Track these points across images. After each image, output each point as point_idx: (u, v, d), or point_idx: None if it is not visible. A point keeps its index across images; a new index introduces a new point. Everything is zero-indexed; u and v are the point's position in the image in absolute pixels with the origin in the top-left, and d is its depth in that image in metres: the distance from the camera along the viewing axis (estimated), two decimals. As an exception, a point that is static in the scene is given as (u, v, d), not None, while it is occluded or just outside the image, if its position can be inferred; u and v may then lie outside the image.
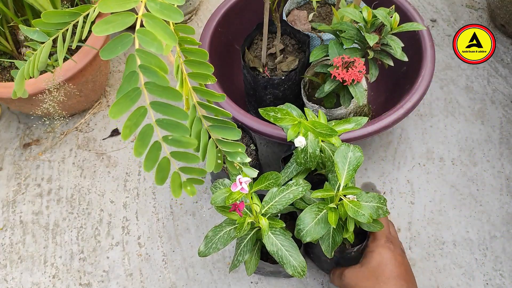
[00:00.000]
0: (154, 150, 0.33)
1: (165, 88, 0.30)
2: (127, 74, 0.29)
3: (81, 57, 0.78)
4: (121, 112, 0.30)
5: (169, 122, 0.32)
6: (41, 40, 0.42)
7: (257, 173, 0.46)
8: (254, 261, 0.59)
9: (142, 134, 0.32)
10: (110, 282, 0.73)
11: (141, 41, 0.29)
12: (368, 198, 0.57)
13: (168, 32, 0.29)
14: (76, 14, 0.40)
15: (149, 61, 0.29)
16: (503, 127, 0.86)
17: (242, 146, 0.42)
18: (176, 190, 0.36)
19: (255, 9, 0.81)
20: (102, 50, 0.29)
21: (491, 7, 0.99)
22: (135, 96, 0.30)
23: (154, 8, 0.30)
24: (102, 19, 0.29)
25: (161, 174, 0.34)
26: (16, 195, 0.83)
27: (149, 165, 0.33)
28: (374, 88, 0.88)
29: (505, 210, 0.77)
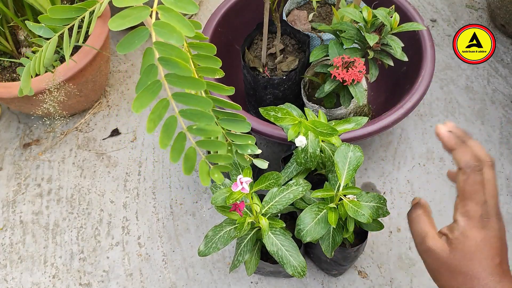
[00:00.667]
0: (179, 141, 0.33)
1: (188, 78, 0.30)
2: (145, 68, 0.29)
3: (81, 57, 0.78)
4: (143, 105, 0.30)
5: (193, 111, 0.31)
6: (47, 36, 0.42)
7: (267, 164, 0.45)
8: (254, 261, 0.59)
9: (166, 126, 0.31)
10: (110, 282, 0.73)
11: (158, 33, 0.29)
12: (368, 198, 0.57)
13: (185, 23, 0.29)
14: (82, 10, 0.40)
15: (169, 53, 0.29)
16: (503, 127, 0.86)
17: (252, 138, 0.42)
18: (205, 178, 0.36)
19: (255, 9, 0.81)
20: (118, 45, 0.29)
21: (491, 7, 0.99)
22: (156, 88, 0.30)
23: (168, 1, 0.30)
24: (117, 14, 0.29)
25: (188, 163, 0.34)
26: (16, 195, 0.83)
27: (175, 156, 0.33)
28: (374, 88, 0.88)
29: (505, 210, 0.77)
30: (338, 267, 0.67)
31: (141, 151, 0.87)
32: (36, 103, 0.77)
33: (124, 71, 0.99)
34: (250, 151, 0.42)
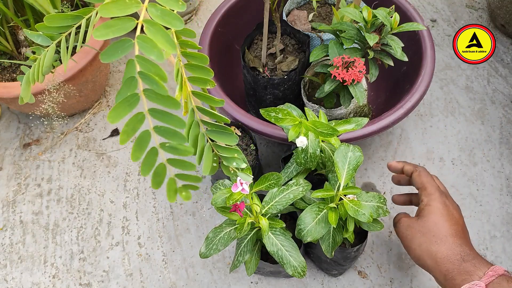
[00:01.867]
0: (151, 156, 0.33)
1: (164, 96, 0.30)
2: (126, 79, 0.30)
3: (81, 57, 0.78)
4: (119, 116, 0.30)
5: (167, 129, 0.32)
6: (45, 44, 0.42)
7: (252, 178, 0.46)
8: (254, 261, 0.59)
9: (140, 140, 0.32)
10: (110, 282, 0.73)
11: (141, 47, 0.29)
12: (368, 197, 0.57)
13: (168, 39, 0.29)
14: (79, 17, 0.40)
15: (148, 68, 0.29)
16: (503, 127, 0.86)
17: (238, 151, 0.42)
18: (171, 195, 0.37)
19: (255, 9, 0.81)
20: (102, 53, 0.29)
21: (491, 7, 0.99)
22: (134, 101, 0.30)
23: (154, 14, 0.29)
24: (102, 23, 0.29)
25: (157, 179, 0.35)
26: (16, 195, 0.83)
27: (145, 169, 0.33)
28: (374, 88, 0.88)
29: (505, 210, 0.77)
30: (338, 267, 0.67)
31: (141, 151, 0.87)
32: (36, 103, 0.77)
33: (124, 71, 0.99)
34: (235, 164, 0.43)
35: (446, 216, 0.56)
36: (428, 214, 0.56)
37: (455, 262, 0.52)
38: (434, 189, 0.58)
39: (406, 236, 0.57)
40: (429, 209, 0.57)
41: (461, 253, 0.52)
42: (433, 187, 0.59)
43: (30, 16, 0.79)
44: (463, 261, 0.51)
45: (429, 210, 0.57)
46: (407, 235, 0.57)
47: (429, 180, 0.60)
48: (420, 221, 0.57)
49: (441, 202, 0.57)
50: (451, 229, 0.55)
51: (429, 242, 0.54)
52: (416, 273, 0.72)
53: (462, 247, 0.53)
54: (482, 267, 0.50)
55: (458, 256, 0.52)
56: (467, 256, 0.52)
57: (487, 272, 0.49)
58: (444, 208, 0.56)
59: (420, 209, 0.58)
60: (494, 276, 0.48)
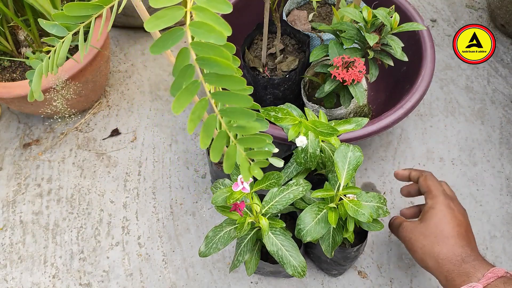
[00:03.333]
0: (220, 140, 0.32)
1: (229, 76, 0.29)
2: (180, 69, 0.29)
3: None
4: (183, 106, 0.29)
5: (233, 109, 0.31)
6: (60, 34, 0.41)
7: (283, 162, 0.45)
8: (254, 261, 0.59)
9: (206, 125, 0.31)
10: (110, 282, 0.73)
11: (195, 33, 0.28)
12: (368, 197, 0.57)
13: (221, 22, 0.28)
14: (99, 7, 0.39)
15: (207, 52, 0.29)
16: (503, 127, 0.86)
17: (269, 136, 0.42)
18: (246, 175, 0.36)
19: (255, 9, 0.81)
20: (152, 45, 0.29)
21: (491, 7, 0.99)
22: (194, 89, 0.29)
23: (201, 1, 0.29)
24: (153, 15, 0.28)
25: (229, 161, 0.34)
26: (16, 195, 0.83)
27: (216, 154, 0.32)
28: (374, 88, 0.88)
29: (505, 210, 0.77)
30: (338, 267, 0.67)
31: (141, 151, 0.87)
32: (36, 104, 0.77)
33: (124, 71, 0.99)
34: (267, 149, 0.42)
35: (449, 218, 0.55)
36: (431, 217, 0.56)
37: (456, 263, 0.52)
38: (439, 192, 0.58)
39: (409, 239, 0.57)
40: (432, 212, 0.57)
41: (462, 254, 0.52)
42: (438, 190, 0.58)
43: (30, 16, 0.79)
44: (463, 262, 0.51)
45: (432, 213, 0.56)
46: (410, 238, 0.57)
47: (434, 183, 0.60)
48: (423, 223, 0.57)
49: (445, 205, 0.57)
50: (453, 230, 0.54)
51: (431, 243, 0.54)
52: (416, 273, 0.72)
53: (463, 248, 0.53)
54: (482, 268, 0.50)
55: (459, 257, 0.52)
56: (468, 258, 0.52)
57: (486, 274, 0.49)
58: (447, 210, 0.56)
59: (424, 212, 0.58)
60: (493, 278, 0.48)
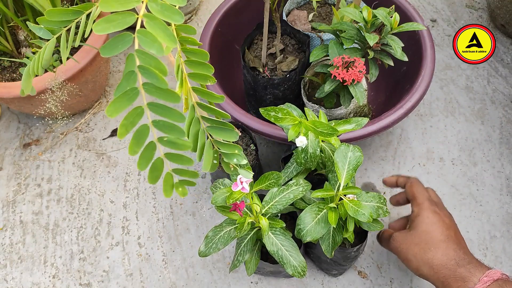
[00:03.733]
0: (149, 150, 0.33)
1: (164, 89, 0.30)
2: (126, 73, 0.30)
3: (81, 56, 0.78)
4: (118, 110, 0.30)
5: (165, 123, 0.32)
6: (46, 37, 0.42)
7: (252, 174, 0.46)
8: (254, 261, 0.59)
9: (138, 134, 0.32)
10: (110, 282, 0.73)
11: (141, 41, 0.29)
12: (368, 197, 0.57)
13: (168, 33, 0.29)
14: (79, 12, 0.40)
15: (148, 62, 0.29)
16: (503, 127, 0.86)
17: (239, 148, 0.42)
18: (167, 190, 0.37)
19: (255, 9, 0.81)
20: (102, 47, 0.29)
21: (491, 7, 0.99)
22: (133, 95, 0.30)
23: (155, 9, 0.30)
24: (103, 17, 0.29)
25: (154, 173, 0.35)
26: (16, 195, 0.83)
27: (143, 163, 0.33)
28: (374, 88, 0.88)
29: (505, 210, 0.77)
30: (338, 267, 0.67)
31: (141, 151, 0.87)
32: (36, 103, 0.77)
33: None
34: (236, 161, 0.43)
35: (437, 223, 0.56)
36: (418, 224, 0.57)
37: (451, 268, 0.51)
38: (423, 198, 0.59)
39: (401, 249, 0.57)
40: (419, 219, 0.57)
41: (455, 257, 0.52)
42: (423, 197, 0.59)
43: (30, 16, 0.79)
44: (458, 266, 0.51)
45: (419, 220, 0.57)
46: (402, 248, 0.57)
47: (419, 190, 0.60)
48: (413, 231, 0.57)
49: (430, 211, 0.57)
50: (443, 234, 0.55)
51: (423, 250, 0.54)
52: (416, 273, 0.72)
53: (456, 252, 0.53)
54: (477, 272, 0.50)
55: (453, 261, 0.52)
56: (462, 261, 0.51)
57: (481, 278, 0.49)
58: (433, 216, 0.56)
59: (411, 220, 0.59)
60: (489, 282, 0.48)
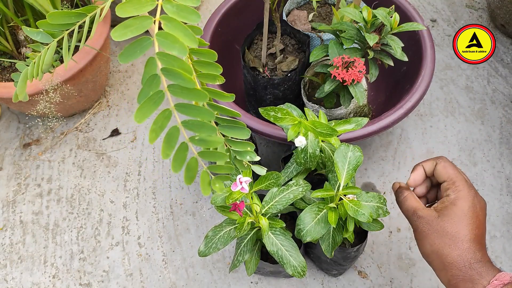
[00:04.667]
0: (181, 151, 0.33)
1: (191, 89, 0.30)
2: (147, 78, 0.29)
3: (81, 57, 0.78)
4: (145, 115, 0.30)
5: (195, 122, 0.32)
6: (45, 41, 0.42)
7: (266, 170, 0.46)
8: (254, 261, 0.59)
9: (169, 136, 0.31)
10: (110, 282, 0.73)
11: (161, 44, 0.28)
12: (368, 197, 0.57)
13: (187, 33, 0.29)
14: (82, 15, 0.40)
15: (171, 63, 0.29)
16: (503, 127, 0.86)
17: (251, 145, 0.42)
18: (205, 188, 0.37)
19: (255, 9, 0.81)
20: (120, 54, 0.29)
21: (491, 7, 0.99)
22: (158, 99, 0.30)
23: (171, 10, 0.29)
24: (121, 23, 0.29)
25: (190, 173, 0.34)
26: (16, 195, 0.83)
27: (177, 166, 0.33)
28: (374, 88, 0.88)
29: (505, 210, 0.77)
30: (338, 267, 0.67)
31: (141, 151, 0.87)
32: (36, 103, 0.77)
33: (124, 71, 0.99)
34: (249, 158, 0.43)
35: (470, 219, 0.50)
36: (450, 215, 0.51)
37: (462, 269, 0.49)
38: (463, 184, 0.52)
39: (421, 230, 0.52)
40: (453, 209, 0.51)
41: (471, 260, 0.49)
42: (462, 182, 0.52)
43: (30, 16, 0.79)
44: (470, 268, 0.49)
45: (453, 211, 0.51)
46: (423, 230, 0.52)
47: (457, 173, 0.53)
48: (440, 220, 0.51)
49: (469, 202, 0.51)
50: (471, 233, 0.50)
51: (443, 244, 0.50)
52: (416, 273, 0.72)
53: (475, 254, 0.49)
54: (488, 275, 0.47)
55: (467, 263, 0.49)
56: (476, 264, 0.49)
57: (491, 280, 0.46)
58: (470, 210, 0.51)
59: (444, 206, 0.52)
60: (499, 286, 0.46)
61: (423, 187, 0.58)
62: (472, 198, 0.52)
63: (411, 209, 0.54)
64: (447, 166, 0.54)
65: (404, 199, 0.56)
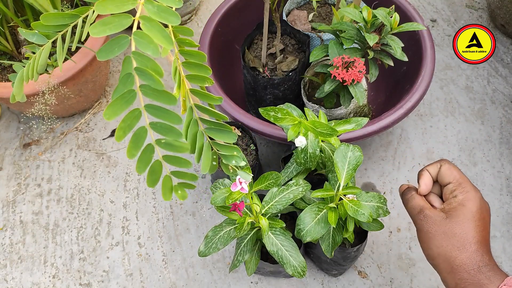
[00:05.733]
0: (147, 153, 0.33)
1: (160, 91, 0.30)
2: (123, 75, 0.29)
3: (80, 57, 0.78)
4: (116, 113, 0.30)
5: (163, 125, 0.32)
6: (40, 42, 0.42)
7: (252, 176, 0.46)
8: (254, 261, 0.59)
9: (136, 136, 0.32)
10: (110, 282, 0.73)
11: (137, 43, 0.29)
12: (368, 197, 0.57)
13: (165, 35, 0.29)
14: (76, 16, 0.40)
15: (145, 64, 0.29)
16: (503, 127, 0.86)
17: (237, 149, 0.42)
18: (166, 194, 0.36)
19: (255, 9, 0.81)
20: (99, 51, 0.29)
21: (491, 7, 0.99)
22: (130, 98, 0.30)
23: (151, 10, 0.29)
24: (99, 20, 0.29)
25: (153, 176, 0.34)
26: (16, 195, 0.83)
27: (141, 167, 0.33)
28: (374, 88, 0.88)
29: (505, 210, 0.77)
30: (338, 267, 0.67)
31: (141, 151, 0.87)
32: (34, 104, 0.77)
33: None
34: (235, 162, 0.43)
35: (478, 221, 0.50)
36: (459, 216, 0.50)
37: (471, 272, 0.48)
38: (470, 185, 0.52)
39: (427, 231, 0.51)
40: (462, 211, 0.50)
41: (479, 262, 0.48)
42: (469, 183, 0.52)
43: (30, 16, 0.79)
44: (479, 272, 0.48)
45: (462, 212, 0.50)
46: (429, 231, 0.51)
47: (462, 174, 0.53)
48: (448, 221, 0.50)
49: (476, 204, 0.50)
50: (478, 235, 0.49)
51: (451, 246, 0.49)
52: (416, 273, 0.72)
53: (482, 257, 0.49)
54: (496, 280, 0.46)
55: (476, 265, 0.48)
56: (485, 267, 0.48)
57: (500, 285, 0.46)
58: (477, 212, 0.50)
59: (452, 206, 0.51)
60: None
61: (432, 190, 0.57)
62: (480, 199, 0.51)
63: (418, 207, 0.53)
64: (452, 168, 0.53)
65: (411, 197, 0.55)
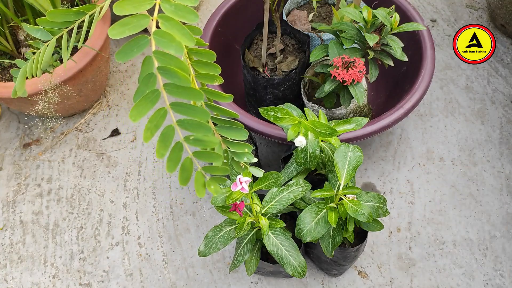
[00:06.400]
0: (176, 151, 0.32)
1: (186, 88, 0.29)
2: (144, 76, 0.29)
3: (81, 57, 0.78)
4: (141, 114, 0.29)
5: (191, 122, 0.31)
6: (45, 39, 0.42)
7: (263, 172, 0.46)
8: (254, 261, 0.59)
9: (164, 136, 0.31)
10: (110, 282, 0.73)
11: (158, 42, 0.28)
12: (368, 197, 0.57)
13: (184, 32, 0.29)
14: (82, 13, 0.40)
15: (168, 62, 0.29)
16: (503, 127, 0.86)
17: (248, 146, 0.42)
18: (200, 190, 0.36)
19: (255, 9, 0.81)
20: (117, 53, 0.29)
21: (491, 7, 0.99)
22: (154, 98, 0.30)
23: (168, 10, 0.29)
24: (118, 21, 0.28)
25: (184, 174, 0.34)
26: (16, 195, 0.83)
27: (171, 166, 0.32)
28: (374, 88, 0.88)
29: (505, 210, 0.77)
30: (338, 267, 0.67)
31: (141, 151, 0.87)
32: (36, 103, 0.77)
33: (124, 71, 0.99)
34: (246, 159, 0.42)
35: None
36: None
37: None
38: None
39: None
40: None
41: None
42: None
43: (30, 16, 0.79)
44: None
45: None
46: None
47: None
48: None
49: None
50: None
51: None
52: (416, 273, 0.72)
53: None
54: None
55: None
56: None
57: None
58: None
59: None
60: None
61: None
62: None
63: None
64: None
65: None
